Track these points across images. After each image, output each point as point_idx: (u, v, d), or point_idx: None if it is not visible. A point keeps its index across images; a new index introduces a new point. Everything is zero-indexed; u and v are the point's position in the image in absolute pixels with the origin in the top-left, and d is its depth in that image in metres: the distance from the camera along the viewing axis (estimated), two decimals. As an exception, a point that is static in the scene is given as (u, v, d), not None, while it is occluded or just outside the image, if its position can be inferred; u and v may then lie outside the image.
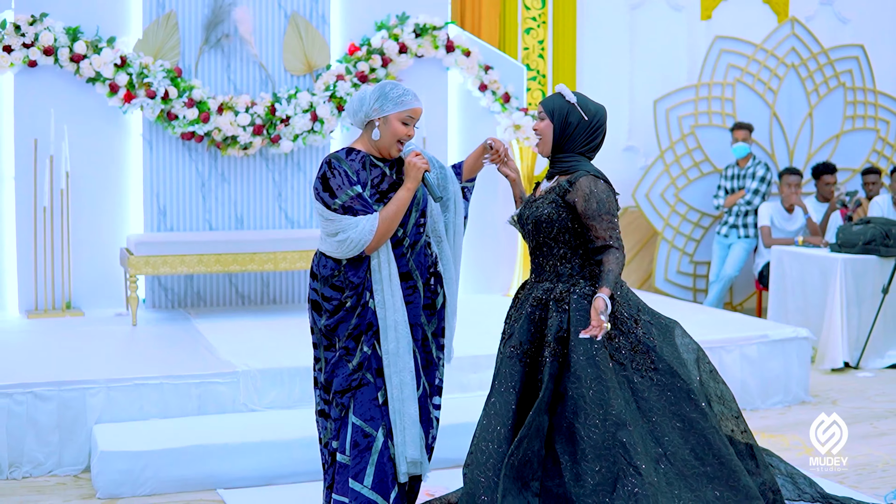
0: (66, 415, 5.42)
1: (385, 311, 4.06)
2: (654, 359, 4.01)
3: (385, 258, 4.07)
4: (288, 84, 7.98)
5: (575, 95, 4.06)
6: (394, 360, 4.06)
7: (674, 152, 9.55)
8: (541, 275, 4.12)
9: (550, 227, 4.01)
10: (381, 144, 4.08)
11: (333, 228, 4.00)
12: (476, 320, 7.37)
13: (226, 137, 7.65)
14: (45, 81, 7.48)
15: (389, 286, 4.06)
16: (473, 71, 8.30)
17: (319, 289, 4.10)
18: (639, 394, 3.97)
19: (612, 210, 3.94)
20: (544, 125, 4.08)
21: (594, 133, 4.08)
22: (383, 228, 4.00)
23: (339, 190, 3.99)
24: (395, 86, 4.09)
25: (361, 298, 4.07)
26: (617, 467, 3.80)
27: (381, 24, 8.14)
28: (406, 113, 4.05)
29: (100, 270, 7.64)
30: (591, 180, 3.95)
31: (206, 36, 7.77)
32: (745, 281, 9.80)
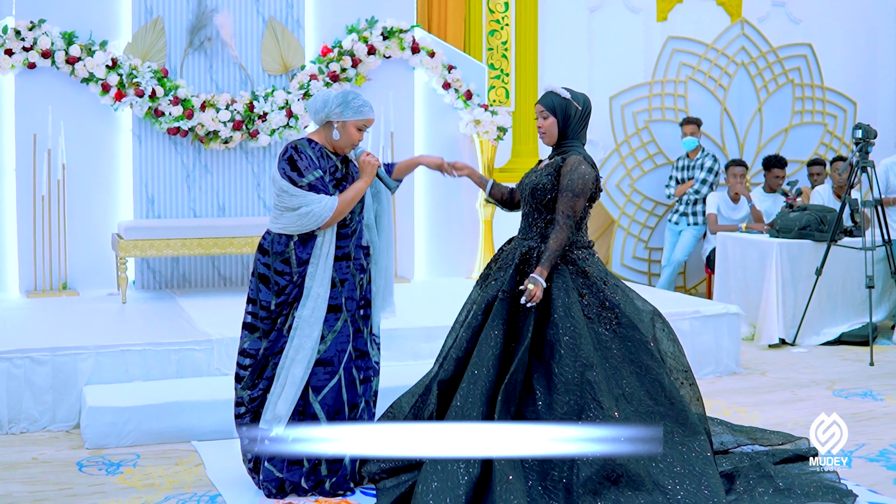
0: (59, 377, 6.09)
1: (312, 282, 4.67)
2: (618, 314, 4.68)
3: (329, 239, 4.70)
4: (265, 83, 8.66)
5: (567, 91, 4.76)
6: (304, 325, 4.66)
7: (629, 145, 10.24)
8: (528, 234, 4.80)
9: (544, 195, 4.69)
10: (337, 143, 4.74)
11: (296, 203, 4.59)
12: (437, 299, 8.08)
13: (208, 132, 8.34)
14: (43, 82, 8.17)
15: (325, 263, 4.68)
16: (437, 70, 9.00)
17: (271, 263, 4.69)
18: (604, 343, 4.63)
19: (578, 192, 4.57)
20: (549, 123, 4.78)
21: (586, 118, 4.80)
22: (341, 208, 4.64)
23: (307, 170, 4.62)
24: (357, 96, 4.74)
25: (305, 271, 4.70)
26: (583, 401, 4.45)
27: (352, 27, 8.83)
28: (362, 121, 4.74)
29: (93, 254, 8.34)
30: (579, 160, 4.64)
31: (190, 39, 8.46)
32: (697, 266, 10.47)
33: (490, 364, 4.59)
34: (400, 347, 6.76)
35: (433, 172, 9.08)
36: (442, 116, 9.19)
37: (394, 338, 6.72)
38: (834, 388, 7.04)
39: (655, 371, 4.68)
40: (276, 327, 4.74)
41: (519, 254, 4.81)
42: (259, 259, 4.77)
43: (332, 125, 4.73)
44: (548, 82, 9.91)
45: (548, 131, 4.83)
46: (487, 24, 9.95)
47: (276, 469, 4.74)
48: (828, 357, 8.10)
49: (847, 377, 7.40)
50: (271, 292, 4.71)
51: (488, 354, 4.60)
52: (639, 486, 4.40)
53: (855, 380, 7.31)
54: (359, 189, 4.73)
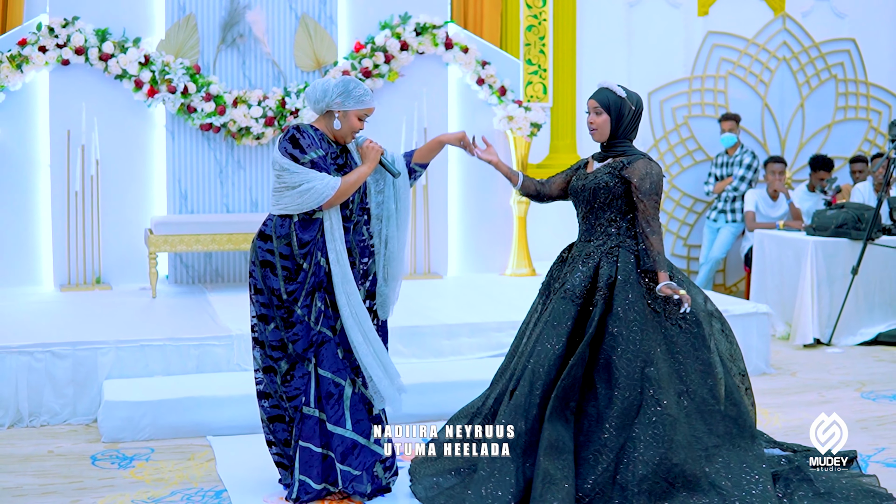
0: (79, 371, 6.18)
1: (340, 267, 4.59)
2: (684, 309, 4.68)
3: (336, 222, 4.61)
4: (298, 79, 8.69)
5: (622, 89, 4.72)
6: (345, 313, 4.59)
7: (668, 141, 10.13)
8: (591, 235, 4.76)
9: (607, 194, 4.65)
10: (339, 133, 4.68)
11: (298, 180, 4.51)
12: (468, 295, 8.07)
13: (240, 128, 8.38)
14: (77, 78, 8.26)
15: (340, 246, 4.61)
16: (471, 66, 8.96)
17: (275, 248, 4.58)
18: (670, 338, 4.62)
19: (659, 192, 4.61)
20: (601, 120, 4.70)
21: (638, 118, 4.75)
22: (343, 189, 4.55)
23: (309, 148, 4.55)
24: (358, 85, 4.67)
25: (314, 257, 4.61)
26: (642, 397, 4.45)
27: (385, 23, 8.82)
28: (363, 111, 4.69)
29: (126, 249, 8.42)
30: (648, 163, 4.63)
31: (222, 36, 8.50)
32: (736, 263, 10.33)
33: (550, 363, 4.57)
34: (421, 344, 6.74)
35: (466, 167, 9.07)
36: (475, 112, 9.15)
37: (415, 335, 6.71)
38: (863, 391, 6.90)
39: (718, 369, 4.70)
40: (299, 318, 4.63)
41: (584, 254, 4.78)
42: (260, 246, 4.65)
43: (333, 115, 4.67)
44: (587, 78, 9.90)
45: (599, 128, 4.76)
46: (525, 20, 9.88)
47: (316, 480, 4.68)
48: (861, 358, 7.94)
49: (879, 378, 7.25)
50: (279, 278, 4.62)
51: (548, 355, 4.58)
52: (695, 487, 4.42)
53: (886, 381, 7.16)
54: (361, 173, 4.65)
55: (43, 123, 8.34)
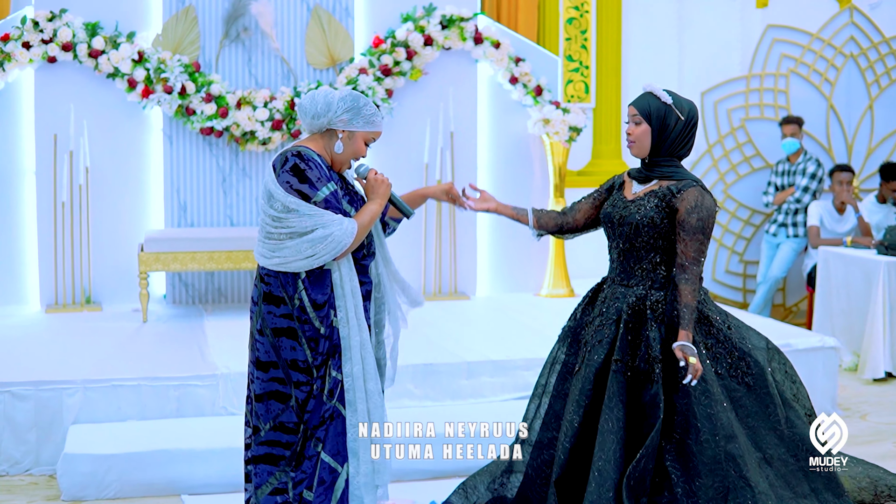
0: (43, 414, 5.41)
1: (349, 330, 3.78)
2: (749, 363, 4.00)
3: (347, 271, 3.79)
4: (309, 78, 7.84)
5: (669, 94, 3.90)
6: (358, 384, 3.79)
7: (722, 146, 9.18)
8: (630, 279, 4.00)
9: (652, 232, 3.90)
10: (338, 157, 3.84)
11: (309, 225, 3.65)
12: (496, 320, 7.23)
13: (244, 132, 7.56)
14: (64, 77, 7.47)
15: (353, 302, 3.79)
16: (503, 63, 8.06)
17: (293, 312, 3.74)
18: (737, 401, 3.96)
19: (708, 231, 3.85)
20: (641, 130, 3.91)
21: (690, 131, 3.94)
22: (358, 236, 3.74)
23: (320, 181, 3.71)
24: (368, 103, 3.84)
25: (328, 318, 3.79)
26: (728, 481, 3.81)
27: (407, 15, 7.94)
28: (373, 134, 3.86)
29: (119, 266, 7.61)
30: (700, 193, 3.86)
31: (226, 30, 7.68)
32: (798, 281, 9.37)
33: (616, 455, 3.82)
34: (435, 385, 5.87)
35: (497, 174, 8.23)
36: (508, 115, 8.25)
37: (429, 373, 5.87)
38: (946, 440, 5.98)
39: (792, 422, 4.05)
40: (314, 392, 3.81)
41: (626, 306, 3.97)
42: (272, 312, 3.78)
43: (335, 134, 3.82)
44: (633, 76, 9.03)
45: (638, 140, 3.94)
46: (565, 12, 8.99)
47: None
48: (943, 397, 6.99)
49: (965, 423, 6.32)
50: (304, 348, 3.78)
51: (612, 446, 3.83)
52: None
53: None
54: (374, 213, 3.83)
55: (27, 127, 7.56)
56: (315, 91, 3.86)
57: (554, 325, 6.85)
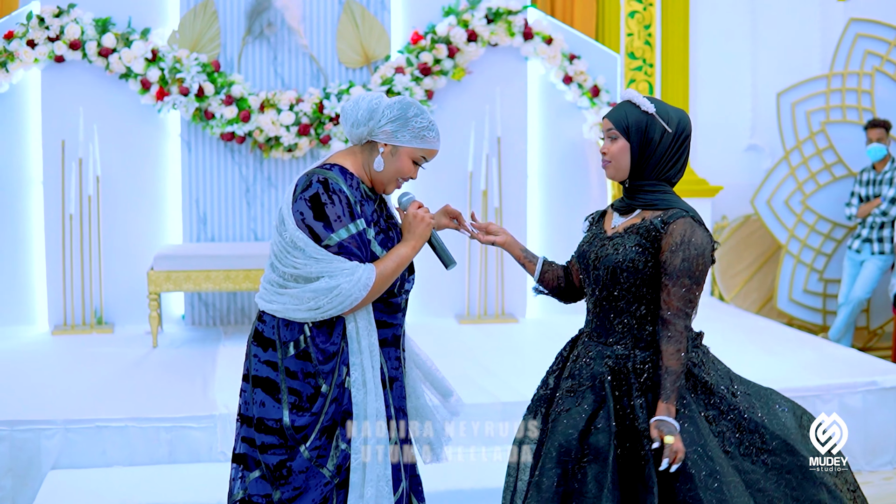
0: (19, 458, 4.81)
1: (366, 396, 3.06)
2: (765, 437, 3.08)
3: (365, 324, 3.09)
4: (341, 78, 7.13)
5: (651, 102, 3.07)
6: (371, 463, 3.07)
7: (801, 153, 8.28)
8: (609, 335, 3.12)
9: (633, 277, 3.04)
10: (379, 176, 3.14)
11: (316, 271, 2.99)
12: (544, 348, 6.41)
13: (268, 138, 6.87)
14: (73, 78, 6.85)
15: (370, 362, 3.08)
16: (556, 61, 7.27)
17: (281, 359, 3.07)
18: (753, 485, 3.07)
19: (698, 276, 3.00)
20: (617, 147, 3.07)
21: (680, 147, 3.07)
22: (378, 286, 3.04)
23: (339, 222, 3.01)
24: (422, 112, 3.13)
25: (338, 374, 3.08)
26: None
27: (449, 9, 7.19)
28: (422, 152, 3.14)
29: (133, 283, 6.96)
30: (690, 226, 3.01)
31: (248, 26, 6.99)
32: (884, 303, 8.46)
33: None
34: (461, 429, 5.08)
35: (547, 187, 7.46)
36: (562, 117, 7.46)
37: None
38: None
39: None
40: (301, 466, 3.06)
41: (607, 369, 3.11)
42: (256, 355, 3.11)
43: (377, 147, 3.12)
44: (702, 76, 8.21)
45: (614, 159, 3.10)
46: (626, 5, 8.18)
47: None
48: None
49: None
50: (282, 405, 3.06)
51: None
52: None
53: None
54: (403, 256, 3.11)
55: (34, 132, 6.94)
56: (362, 94, 3.15)
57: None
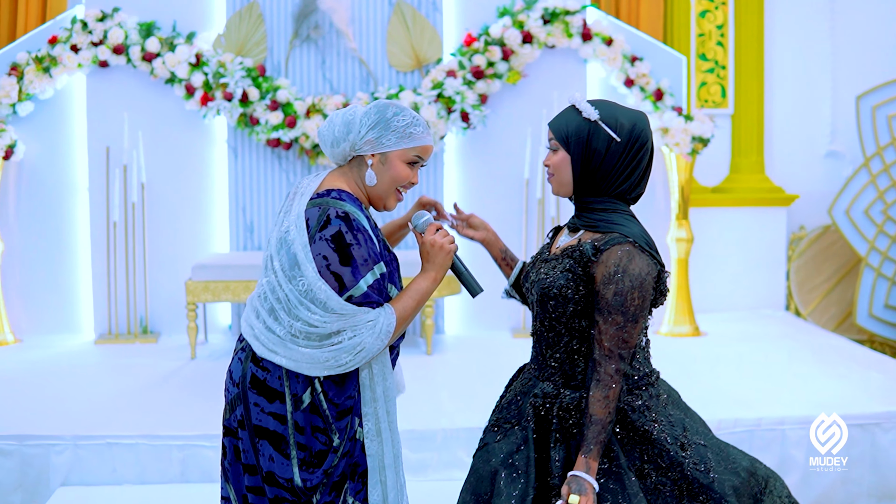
0: (28, 473, 4.67)
1: (381, 446, 2.80)
2: (710, 499, 2.66)
3: (380, 369, 2.79)
4: (391, 81, 6.89)
5: (597, 107, 2.70)
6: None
7: (882, 159, 7.75)
8: (542, 368, 2.79)
9: (561, 307, 2.70)
10: (375, 191, 2.87)
11: (335, 328, 2.69)
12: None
13: (314, 144, 6.66)
14: (118, 83, 6.73)
15: (385, 409, 2.81)
16: (617, 63, 6.92)
17: (288, 414, 2.76)
18: None
19: (634, 312, 2.62)
20: (558, 159, 2.74)
21: (633, 158, 2.71)
22: (399, 331, 2.77)
23: (366, 266, 2.71)
24: (402, 110, 2.85)
25: (350, 429, 2.79)
26: None
27: (504, 9, 6.89)
28: (414, 151, 2.85)
29: (178, 292, 6.80)
30: (626, 254, 2.63)
31: (295, 28, 6.79)
32: (976, 318, 7.91)
33: None
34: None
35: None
36: (623, 123, 7.09)
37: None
38: None
39: None
40: None
41: (532, 409, 2.75)
42: (256, 404, 2.79)
43: (364, 162, 2.85)
44: (778, 77, 7.78)
45: (556, 173, 2.77)
46: (697, 4, 7.77)
47: None
48: None
49: None
50: (292, 462, 2.77)
51: None
52: None
53: None
54: (422, 293, 2.81)
55: (80, 138, 6.83)
56: (336, 111, 2.89)
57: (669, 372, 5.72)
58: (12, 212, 6.82)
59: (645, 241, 2.67)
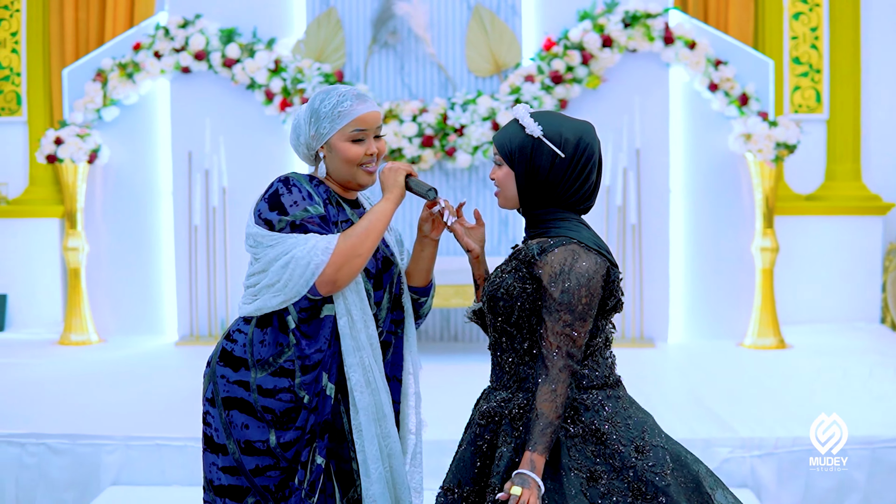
0: (80, 471, 4.79)
1: (372, 397, 2.81)
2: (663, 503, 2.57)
3: (360, 314, 2.80)
4: (469, 87, 6.85)
5: (539, 121, 2.64)
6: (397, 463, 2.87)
7: None
8: (499, 378, 2.72)
9: (510, 308, 2.63)
10: (338, 177, 2.88)
11: (274, 254, 2.75)
12: (682, 379, 5.95)
13: (392, 150, 6.66)
14: (200, 89, 6.85)
15: (372, 357, 2.82)
16: (700, 67, 6.76)
17: (253, 380, 2.79)
18: None
19: (581, 310, 2.56)
20: (503, 174, 2.70)
21: (579, 173, 2.64)
22: (346, 248, 2.71)
23: (294, 206, 2.76)
24: (328, 93, 2.85)
25: (317, 384, 2.81)
26: None
27: (585, 13, 6.80)
28: (350, 127, 2.82)
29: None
30: (572, 253, 2.58)
31: (374, 34, 6.80)
32: None
33: None
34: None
35: (694, 198, 6.99)
36: (708, 129, 6.93)
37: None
38: None
39: None
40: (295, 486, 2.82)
41: (480, 414, 2.71)
42: (224, 376, 2.82)
43: (320, 157, 2.87)
44: (874, 81, 7.54)
45: (502, 187, 2.72)
46: (790, 6, 7.53)
47: None
48: None
49: None
50: (265, 425, 2.80)
51: None
52: None
53: None
54: (378, 212, 2.80)
55: (163, 143, 6.97)
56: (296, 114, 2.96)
57: (749, 388, 5.59)
58: (99, 215, 6.99)
59: (593, 242, 2.60)
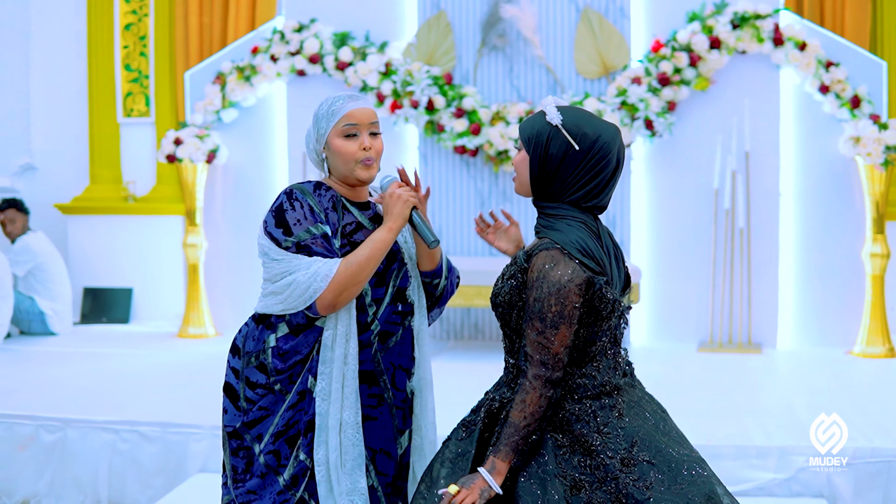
0: (169, 458, 4.96)
1: (329, 406, 2.89)
2: None
3: (344, 331, 2.90)
4: (576, 89, 6.90)
5: (564, 113, 2.67)
6: (334, 475, 2.89)
7: None
8: (507, 375, 2.80)
9: (508, 313, 2.71)
10: (339, 174, 2.99)
11: (279, 270, 2.88)
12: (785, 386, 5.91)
13: (499, 152, 6.76)
14: (316, 91, 7.05)
15: (341, 371, 2.90)
16: (811, 68, 6.68)
17: (242, 368, 2.94)
18: None
19: (552, 318, 2.56)
20: (519, 159, 2.75)
21: (590, 168, 2.65)
22: (345, 277, 2.83)
23: (298, 225, 2.88)
24: (327, 98, 3.01)
25: (301, 382, 2.91)
26: None
27: (694, 14, 6.79)
28: (341, 123, 2.94)
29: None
30: (550, 259, 2.58)
31: (483, 37, 6.92)
32: None
33: None
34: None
35: (804, 201, 6.92)
36: (819, 131, 6.83)
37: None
38: None
39: None
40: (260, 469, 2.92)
41: (484, 411, 2.77)
42: (228, 362, 3.02)
43: (325, 160, 3.02)
44: None
45: (518, 173, 2.76)
46: (911, 7, 7.38)
47: None
48: None
49: None
50: (238, 412, 2.95)
51: None
52: None
53: None
54: (377, 241, 2.89)
55: (280, 144, 7.22)
56: None
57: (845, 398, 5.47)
58: (218, 212, 7.26)
59: (577, 248, 2.60)
